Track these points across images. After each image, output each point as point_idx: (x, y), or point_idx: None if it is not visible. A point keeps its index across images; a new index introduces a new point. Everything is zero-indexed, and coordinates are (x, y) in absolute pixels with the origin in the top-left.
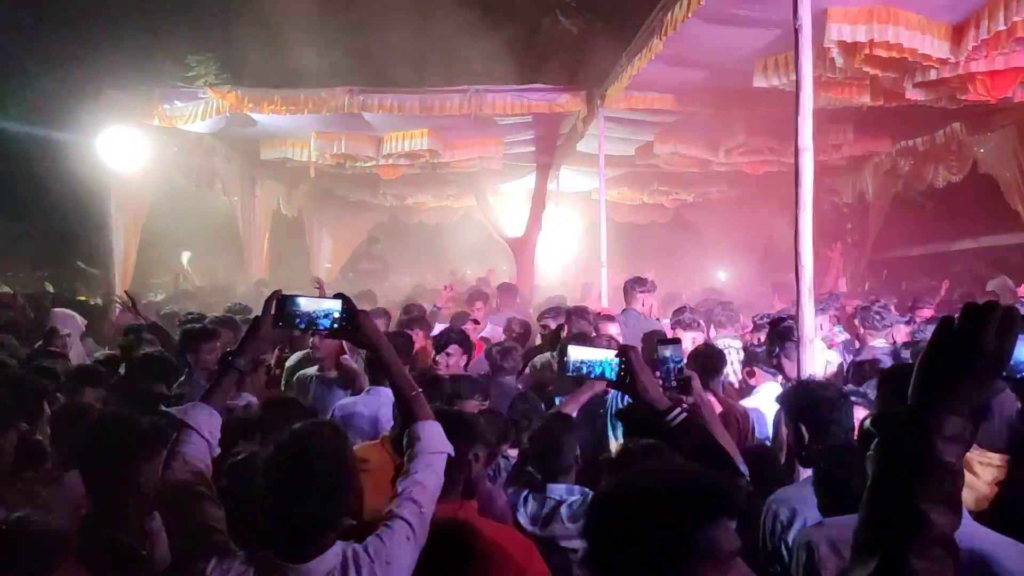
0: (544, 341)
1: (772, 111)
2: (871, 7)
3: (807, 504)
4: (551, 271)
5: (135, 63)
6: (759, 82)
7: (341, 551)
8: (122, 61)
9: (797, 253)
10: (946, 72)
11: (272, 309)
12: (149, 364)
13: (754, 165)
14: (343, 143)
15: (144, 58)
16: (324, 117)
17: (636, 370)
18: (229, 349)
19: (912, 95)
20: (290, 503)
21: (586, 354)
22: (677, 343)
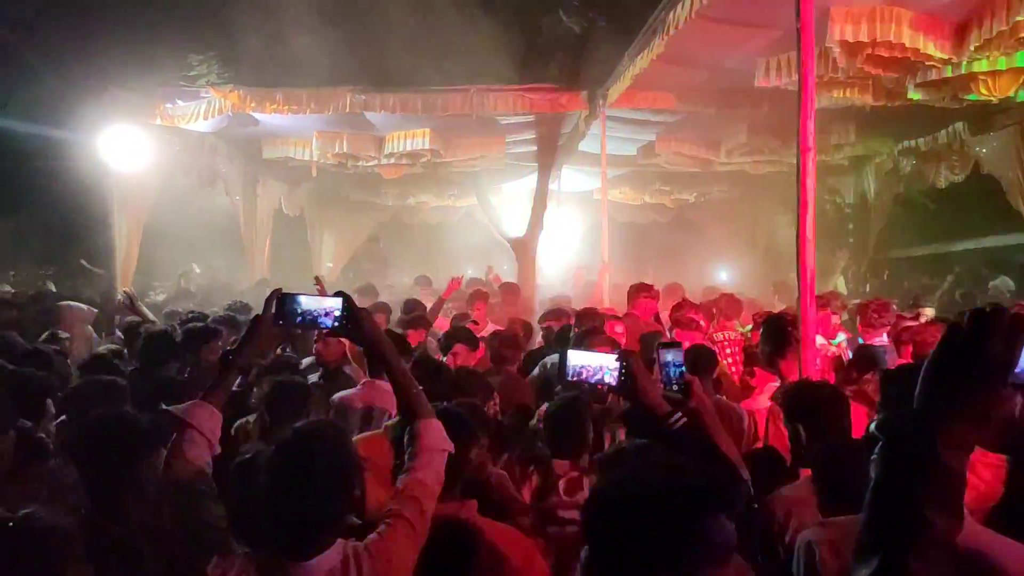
0: (551, 341)
1: (774, 111)
2: (873, 7)
3: (806, 504)
4: (551, 271)
5: (137, 62)
6: (761, 82)
7: (342, 549)
8: (125, 60)
9: (799, 253)
10: (948, 72)
11: (272, 307)
12: (153, 344)
13: (756, 165)
14: (345, 142)
15: (146, 57)
16: (326, 116)
17: (637, 374)
18: (229, 348)
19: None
20: (292, 502)
21: (586, 359)
22: (678, 347)
